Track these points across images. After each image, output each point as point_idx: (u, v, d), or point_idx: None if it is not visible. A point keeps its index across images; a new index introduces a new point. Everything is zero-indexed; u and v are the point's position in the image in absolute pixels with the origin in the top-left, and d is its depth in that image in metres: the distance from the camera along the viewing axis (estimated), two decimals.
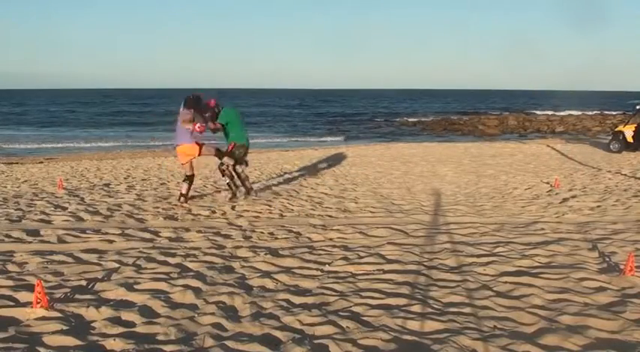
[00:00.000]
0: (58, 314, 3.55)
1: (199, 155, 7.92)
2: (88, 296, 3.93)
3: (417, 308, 3.71)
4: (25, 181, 10.63)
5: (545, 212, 7.32)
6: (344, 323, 3.46)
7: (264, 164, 14.07)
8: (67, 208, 7.38)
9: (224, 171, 8.08)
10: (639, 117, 16.84)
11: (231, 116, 8.02)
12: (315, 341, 3.19)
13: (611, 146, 16.84)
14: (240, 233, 6.06)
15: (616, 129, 17.47)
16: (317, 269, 4.67)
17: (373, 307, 3.74)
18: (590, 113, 43.89)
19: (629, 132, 16.41)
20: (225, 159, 8.00)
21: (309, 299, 3.92)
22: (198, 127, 7.57)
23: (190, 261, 4.88)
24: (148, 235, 5.88)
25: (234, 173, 8.17)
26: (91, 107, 60.48)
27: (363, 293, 4.02)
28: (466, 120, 39.46)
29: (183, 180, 8.08)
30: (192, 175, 8.11)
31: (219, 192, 8.85)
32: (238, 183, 8.26)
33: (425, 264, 4.81)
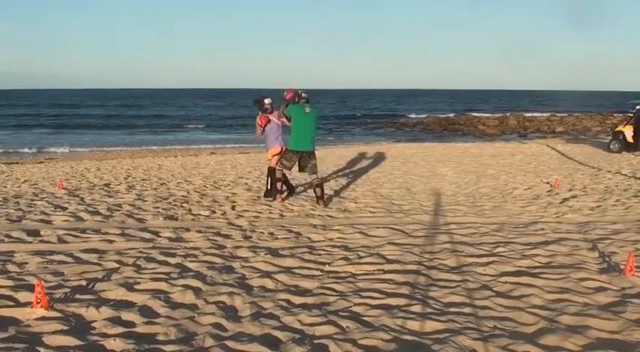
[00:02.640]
0: (58, 314, 3.55)
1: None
2: (88, 296, 3.94)
3: (417, 308, 3.71)
4: (25, 181, 10.63)
5: (545, 212, 7.31)
6: (344, 323, 3.46)
7: (264, 164, 14.05)
8: (67, 208, 7.39)
9: (278, 171, 7.96)
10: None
11: (293, 113, 7.62)
12: (315, 341, 3.19)
13: (611, 146, 16.84)
14: (240, 233, 6.06)
15: (616, 129, 17.46)
16: (317, 270, 4.67)
17: (373, 307, 3.75)
18: (590, 113, 43.87)
19: (629, 132, 16.41)
20: (281, 162, 7.89)
21: (309, 299, 3.92)
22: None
23: (190, 261, 4.88)
24: (148, 235, 5.88)
25: (281, 176, 7.98)
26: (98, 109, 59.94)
27: (363, 293, 4.02)
28: (466, 120, 39.48)
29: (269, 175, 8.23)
30: (273, 168, 8.16)
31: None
32: (285, 186, 8.14)
33: (425, 264, 4.82)
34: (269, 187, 8.21)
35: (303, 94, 7.72)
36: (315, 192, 7.96)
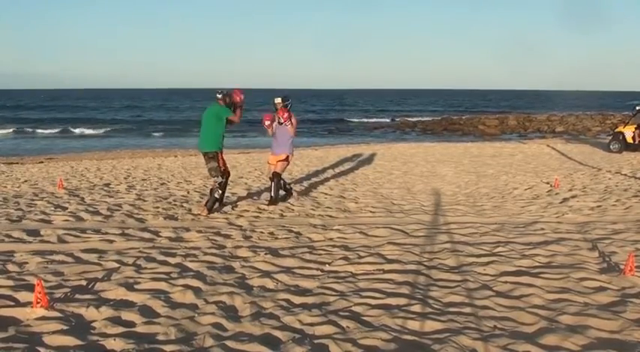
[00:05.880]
0: (58, 314, 3.55)
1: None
2: (88, 296, 3.94)
3: (417, 308, 3.71)
4: (25, 181, 10.63)
5: (545, 212, 7.31)
6: (344, 322, 3.46)
7: (264, 164, 14.05)
8: (67, 208, 7.39)
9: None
10: (639, 118, 16.84)
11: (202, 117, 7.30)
12: (315, 341, 3.19)
13: (611, 146, 16.86)
14: (241, 233, 6.06)
15: (616, 130, 17.48)
16: (317, 269, 4.67)
17: (373, 307, 3.75)
18: (590, 113, 43.88)
19: (629, 132, 16.43)
20: None
21: (309, 299, 3.92)
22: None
23: (190, 261, 4.89)
24: (148, 235, 5.88)
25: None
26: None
27: (363, 293, 4.02)
28: (466, 120, 39.46)
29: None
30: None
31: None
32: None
33: (425, 263, 4.82)
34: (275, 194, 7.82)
35: (217, 94, 7.23)
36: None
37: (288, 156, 7.90)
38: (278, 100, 7.74)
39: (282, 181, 8.04)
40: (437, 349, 3.09)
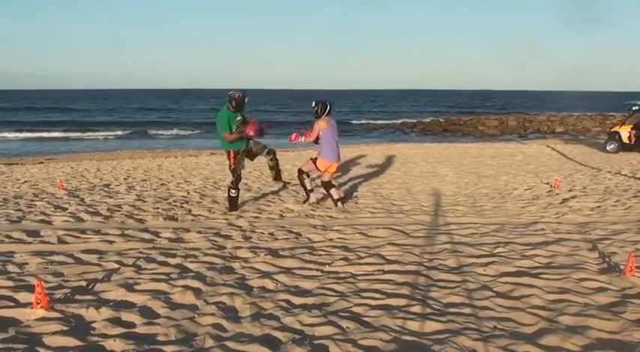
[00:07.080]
0: (58, 315, 3.56)
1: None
2: (88, 297, 3.94)
3: (417, 309, 3.71)
4: (25, 182, 10.63)
5: (545, 212, 7.31)
6: (344, 323, 3.46)
7: (264, 164, 14.04)
8: (67, 209, 7.39)
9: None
10: (635, 118, 16.83)
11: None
12: (315, 342, 3.19)
13: (607, 146, 16.85)
14: (240, 233, 6.06)
15: (612, 130, 17.49)
16: (317, 270, 4.67)
17: (373, 307, 3.75)
18: (590, 113, 43.90)
19: (624, 132, 16.44)
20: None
21: (309, 300, 3.93)
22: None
23: (190, 262, 4.89)
24: (148, 236, 5.88)
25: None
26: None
27: (363, 294, 4.03)
28: (466, 121, 39.45)
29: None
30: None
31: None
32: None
33: (425, 264, 4.82)
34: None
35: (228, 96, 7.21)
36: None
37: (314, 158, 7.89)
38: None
39: (304, 181, 8.02)
40: (437, 349, 3.09)
